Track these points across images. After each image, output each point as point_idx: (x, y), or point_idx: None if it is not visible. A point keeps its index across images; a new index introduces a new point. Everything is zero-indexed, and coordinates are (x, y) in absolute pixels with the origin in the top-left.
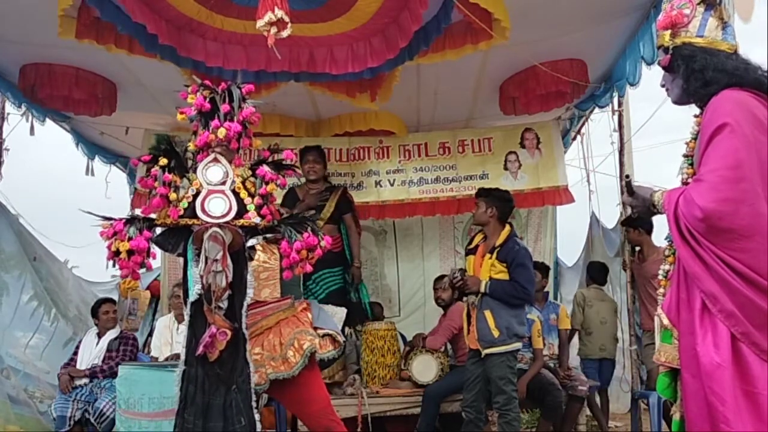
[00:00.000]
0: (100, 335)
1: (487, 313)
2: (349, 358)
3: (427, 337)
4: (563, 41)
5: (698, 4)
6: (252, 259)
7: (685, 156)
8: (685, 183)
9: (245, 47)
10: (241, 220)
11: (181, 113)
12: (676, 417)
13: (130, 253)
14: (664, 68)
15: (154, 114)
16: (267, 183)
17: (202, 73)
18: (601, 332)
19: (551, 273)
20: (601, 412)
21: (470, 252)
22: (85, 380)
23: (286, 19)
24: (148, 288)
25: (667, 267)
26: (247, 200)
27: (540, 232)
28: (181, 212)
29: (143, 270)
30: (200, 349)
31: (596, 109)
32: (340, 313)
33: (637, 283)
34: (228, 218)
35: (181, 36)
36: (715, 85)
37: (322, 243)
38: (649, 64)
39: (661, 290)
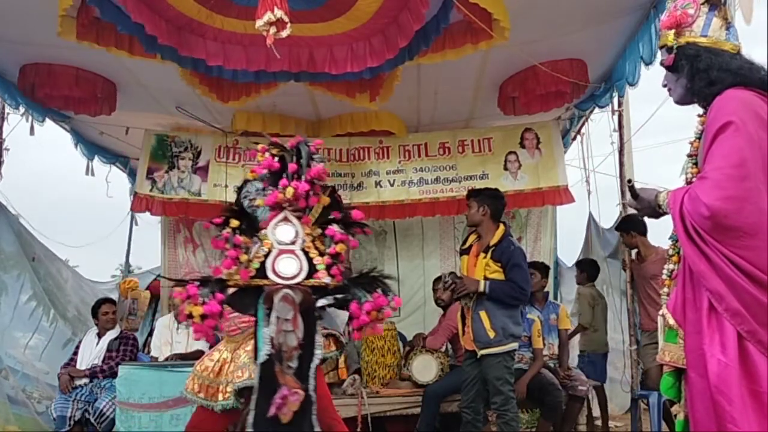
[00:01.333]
0: (100, 335)
1: (483, 314)
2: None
3: (427, 337)
4: (563, 41)
5: (702, 4)
6: (321, 318)
7: (689, 156)
8: (689, 182)
9: (245, 47)
10: (312, 280)
11: (252, 172)
12: (680, 417)
13: (203, 317)
14: (668, 68)
15: (154, 114)
16: (337, 243)
17: (201, 73)
18: (603, 328)
19: (551, 273)
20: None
21: (464, 252)
22: (85, 380)
23: (286, 19)
24: (148, 288)
25: (671, 266)
26: (317, 260)
27: (540, 232)
28: (252, 273)
29: (142, 270)
30: (272, 410)
31: (596, 109)
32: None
33: (636, 283)
34: (299, 279)
35: (181, 36)
36: (720, 85)
37: (392, 303)
38: (647, 64)
39: (666, 290)
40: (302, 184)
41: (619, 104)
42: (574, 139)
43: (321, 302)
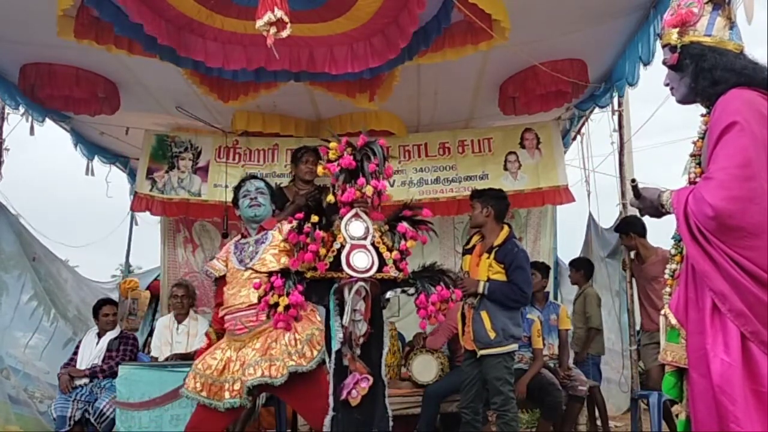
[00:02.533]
0: (100, 335)
1: (484, 314)
2: None
3: (427, 337)
4: (563, 41)
5: (706, 3)
6: (385, 308)
7: (692, 155)
8: (692, 182)
9: (245, 47)
10: (381, 274)
11: (325, 169)
12: (682, 417)
13: (287, 307)
14: (671, 67)
15: (154, 114)
16: (408, 239)
17: (202, 73)
18: (602, 330)
19: (551, 273)
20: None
21: (467, 252)
22: (85, 380)
23: (286, 19)
24: (148, 288)
25: (673, 266)
26: (386, 254)
27: (539, 232)
28: (327, 266)
29: (142, 270)
30: (343, 394)
31: (596, 109)
32: None
33: (636, 284)
34: (371, 273)
35: (181, 36)
36: (723, 84)
37: (453, 296)
38: (646, 64)
39: (668, 289)
40: (381, 183)
41: (619, 104)
42: (574, 139)
43: (389, 294)
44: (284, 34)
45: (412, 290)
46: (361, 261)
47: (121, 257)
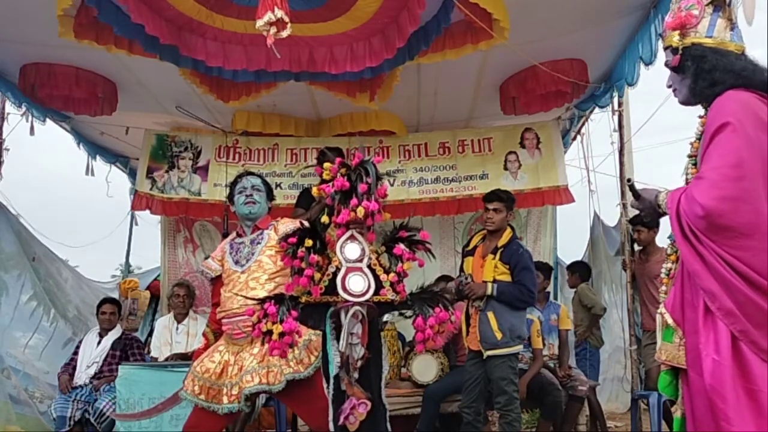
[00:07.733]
0: (101, 335)
1: (490, 315)
2: None
3: None
4: (563, 41)
5: (707, 5)
6: (382, 330)
7: (689, 156)
8: (689, 183)
9: (245, 47)
10: (378, 297)
11: (320, 190)
12: (677, 415)
13: (281, 334)
14: (673, 68)
15: (154, 114)
16: (403, 261)
17: (201, 73)
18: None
19: (552, 273)
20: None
21: (468, 253)
22: (86, 380)
23: (286, 19)
24: (148, 288)
25: (669, 265)
26: (383, 276)
27: (540, 232)
28: (322, 290)
29: (142, 270)
30: (341, 419)
31: (596, 109)
32: None
33: (638, 282)
34: (368, 296)
35: (181, 36)
36: (721, 86)
37: (452, 318)
38: (647, 64)
39: (663, 288)
40: (372, 203)
41: (619, 104)
42: (574, 139)
43: (386, 317)
44: (284, 34)
45: (409, 312)
46: (357, 284)
47: (121, 257)
